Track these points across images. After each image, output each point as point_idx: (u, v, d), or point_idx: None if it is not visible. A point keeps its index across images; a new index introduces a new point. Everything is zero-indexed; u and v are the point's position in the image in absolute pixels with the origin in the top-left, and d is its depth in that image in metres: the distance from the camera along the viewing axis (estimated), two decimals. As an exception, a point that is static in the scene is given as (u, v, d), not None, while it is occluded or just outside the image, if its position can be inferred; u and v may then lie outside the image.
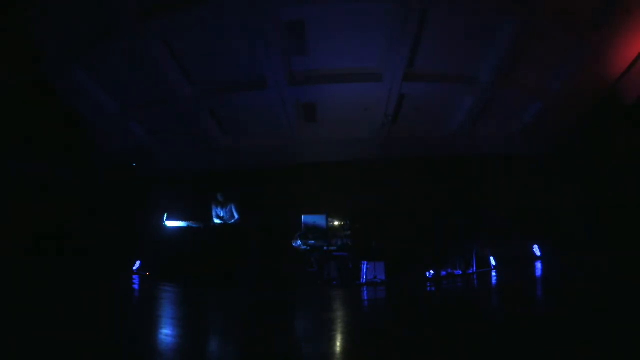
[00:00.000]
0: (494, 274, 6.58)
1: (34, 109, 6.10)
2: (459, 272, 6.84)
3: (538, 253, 7.17)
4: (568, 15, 5.16)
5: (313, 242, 6.54)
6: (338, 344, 2.14)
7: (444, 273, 6.79)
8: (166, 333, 2.27)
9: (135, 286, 5.65)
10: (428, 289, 5.40)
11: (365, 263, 6.46)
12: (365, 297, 4.85)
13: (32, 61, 5.82)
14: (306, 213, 6.81)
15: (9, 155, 5.76)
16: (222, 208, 7.50)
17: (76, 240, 6.70)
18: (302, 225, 6.71)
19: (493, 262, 6.98)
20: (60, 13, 5.13)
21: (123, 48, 5.63)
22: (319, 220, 6.70)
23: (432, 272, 6.61)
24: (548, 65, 6.10)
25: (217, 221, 7.35)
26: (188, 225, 7.09)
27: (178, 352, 1.85)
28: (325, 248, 6.54)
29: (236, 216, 7.39)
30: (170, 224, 7.22)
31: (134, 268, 7.42)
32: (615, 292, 3.31)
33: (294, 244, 6.67)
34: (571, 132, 7.38)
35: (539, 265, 6.76)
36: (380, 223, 7.77)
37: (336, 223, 7.09)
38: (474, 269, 6.82)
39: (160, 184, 10.01)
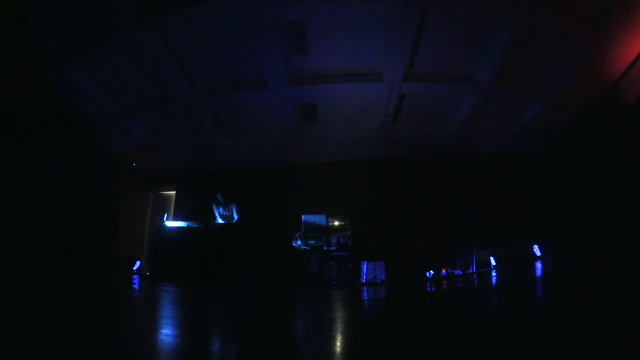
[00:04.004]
0: (494, 274, 6.58)
1: (34, 109, 6.10)
2: (459, 272, 6.85)
3: (538, 253, 7.17)
4: (568, 15, 5.16)
5: (313, 242, 6.55)
6: (338, 343, 2.14)
7: (443, 273, 6.80)
8: (166, 333, 2.26)
9: (135, 286, 5.64)
10: (428, 289, 5.40)
11: (365, 263, 6.47)
12: (365, 297, 4.85)
13: (33, 61, 5.83)
14: (306, 213, 6.82)
15: (8, 156, 5.76)
16: (222, 208, 7.52)
17: (76, 240, 6.69)
18: (302, 225, 6.72)
19: (493, 262, 6.98)
20: (60, 13, 5.13)
21: (123, 48, 5.63)
22: (319, 220, 6.70)
23: (432, 272, 6.62)
24: (548, 66, 6.10)
25: (220, 221, 7.36)
26: (188, 225, 7.10)
27: (178, 352, 1.85)
28: (325, 248, 6.55)
29: (236, 216, 7.41)
30: (170, 224, 7.23)
31: (134, 268, 7.43)
32: (614, 293, 3.31)
33: (294, 244, 6.68)
34: (571, 132, 7.39)
35: (539, 265, 6.75)
36: (380, 223, 7.78)
37: (336, 223, 7.10)
38: (474, 269, 6.83)
39: (160, 183, 10.04)
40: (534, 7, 4.99)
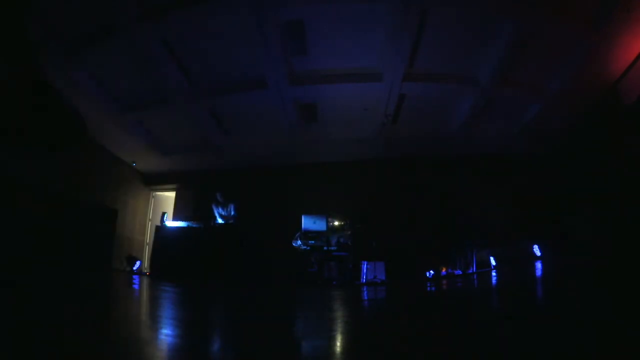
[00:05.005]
0: (493, 274, 6.58)
1: (34, 108, 6.09)
2: (459, 272, 6.85)
3: (538, 253, 7.18)
4: (568, 15, 5.17)
5: (313, 242, 6.56)
6: (338, 343, 2.14)
7: (444, 273, 6.81)
8: (166, 333, 2.27)
9: (135, 286, 5.64)
10: (428, 288, 5.40)
11: (365, 263, 6.48)
12: (365, 297, 4.85)
13: (32, 61, 5.82)
14: (306, 213, 6.83)
15: (7, 156, 5.76)
16: (222, 208, 7.52)
17: (76, 239, 6.70)
18: (302, 225, 6.72)
19: (493, 262, 6.99)
20: (60, 12, 5.13)
21: (123, 48, 5.63)
22: (319, 220, 6.72)
23: (432, 272, 6.62)
24: (548, 65, 6.10)
25: (220, 221, 7.36)
26: (188, 225, 7.10)
27: (178, 352, 1.85)
28: (325, 248, 6.55)
29: (235, 216, 7.40)
30: (170, 224, 7.24)
31: (134, 268, 7.44)
32: (614, 293, 3.31)
33: (294, 244, 6.69)
34: (571, 132, 7.39)
35: (539, 265, 6.75)
36: (380, 223, 7.79)
37: (336, 223, 7.11)
38: (474, 269, 6.84)
39: (160, 184, 10.05)
40: (534, 7, 4.99)
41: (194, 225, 7.08)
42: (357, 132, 7.78)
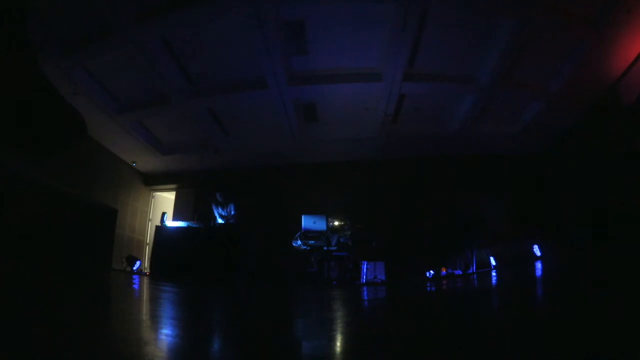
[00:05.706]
0: (494, 274, 6.57)
1: (33, 108, 6.09)
2: (459, 272, 6.85)
3: (538, 253, 7.18)
4: (568, 15, 5.17)
5: (313, 242, 6.55)
6: (338, 343, 2.14)
7: (443, 273, 6.81)
8: (166, 333, 2.26)
9: (135, 286, 5.64)
10: (428, 288, 5.39)
11: (365, 263, 6.48)
12: (365, 297, 4.85)
13: (32, 61, 5.81)
14: (306, 213, 6.82)
15: (7, 156, 5.75)
16: (222, 208, 7.52)
17: (76, 240, 6.69)
18: (302, 225, 6.72)
19: (493, 262, 6.99)
20: (59, 12, 5.13)
21: (122, 48, 5.63)
22: (319, 220, 6.71)
23: (432, 272, 6.62)
24: (548, 65, 6.10)
25: (220, 221, 7.36)
26: (188, 225, 7.10)
27: (178, 352, 1.85)
28: (325, 248, 6.55)
29: (235, 216, 7.39)
30: (170, 224, 7.23)
31: (134, 268, 7.44)
32: (614, 293, 3.31)
33: (294, 244, 6.68)
34: (571, 132, 7.39)
35: (539, 265, 6.75)
36: (380, 223, 7.79)
37: (336, 223, 7.11)
38: (474, 269, 6.83)
39: (160, 184, 10.05)
40: (534, 7, 4.99)
41: (194, 225, 7.07)
42: (357, 132, 7.78)
